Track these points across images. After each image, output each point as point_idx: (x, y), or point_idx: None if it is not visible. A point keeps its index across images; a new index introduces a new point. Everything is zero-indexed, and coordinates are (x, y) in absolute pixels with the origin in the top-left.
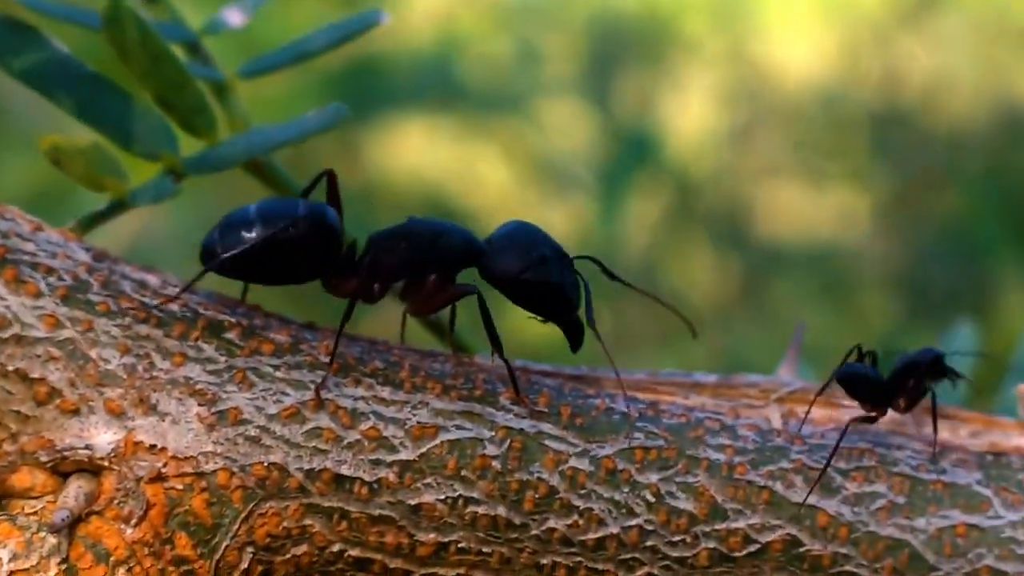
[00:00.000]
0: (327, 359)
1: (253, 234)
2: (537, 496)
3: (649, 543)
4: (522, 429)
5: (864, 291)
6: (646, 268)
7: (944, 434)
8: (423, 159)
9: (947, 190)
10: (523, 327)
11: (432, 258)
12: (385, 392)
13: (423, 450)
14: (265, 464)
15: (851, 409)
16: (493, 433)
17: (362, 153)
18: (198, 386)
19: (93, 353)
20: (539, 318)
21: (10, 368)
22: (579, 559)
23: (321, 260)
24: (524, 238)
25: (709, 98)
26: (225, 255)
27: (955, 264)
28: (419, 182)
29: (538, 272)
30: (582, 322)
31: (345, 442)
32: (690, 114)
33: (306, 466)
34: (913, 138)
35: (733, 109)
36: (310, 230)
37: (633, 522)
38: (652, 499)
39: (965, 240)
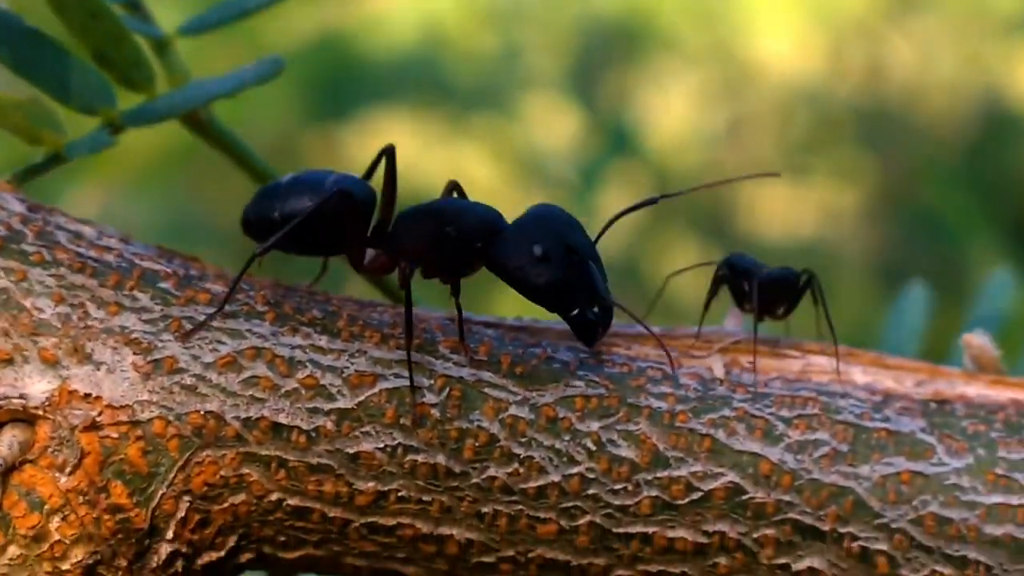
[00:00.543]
0: (264, 308)
1: (277, 206)
2: (477, 444)
3: (591, 491)
4: (461, 377)
5: (846, 285)
6: (628, 263)
7: (889, 383)
8: (408, 156)
9: (929, 183)
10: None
11: (453, 238)
12: (323, 341)
13: (361, 398)
14: (201, 413)
15: (796, 359)
16: (432, 381)
17: (346, 150)
18: (133, 335)
19: (27, 303)
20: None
21: None
22: (520, 507)
23: (345, 234)
24: (535, 228)
25: (692, 95)
26: (252, 224)
27: (936, 256)
28: (404, 180)
29: (535, 269)
30: (588, 318)
31: (282, 391)
32: (673, 111)
33: (243, 415)
34: (897, 133)
35: (717, 106)
36: (335, 204)
37: (574, 470)
38: (593, 447)
39: (946, 233)
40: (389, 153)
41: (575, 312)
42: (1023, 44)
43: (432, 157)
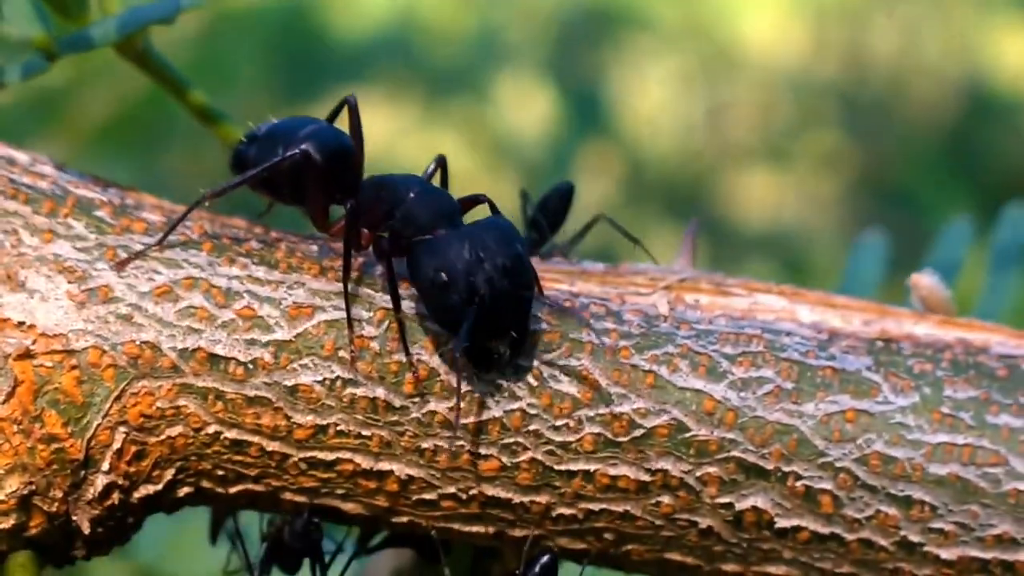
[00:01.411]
0: (200, 239)
1: (252, 152)
2: (417, 378)
3: (532, 427)
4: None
5: (821, 272)
6: (603, 248)
7: (835, 322)
8: (383, 140)
9: (908, 168)
10: None
11: (399, 217)
12: (260, 272)
13: (299, 330)
14: (137, 343)
15: (742, 297)
16: (372, 314)
17: None
18: (67, 263)
19: None
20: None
21: None
22: (461, 443)
23: (307, 192)
24: (454, 252)
25: (670, 77)
26: (233, 166)
27: (915, 240)
28: (379, 163)
29: (431, 291)
30: (468, 351)
31: (219, 321)
32: (650, 93)
33: (179, 345)
34: (879, 118)
35: (695, 89)
36: (293, 164)
37: (515, 405)
38: (535, 382)
39: (924, 216)
40: (351, 105)
41: (461, 344)
42: (1007, 25)
43: (407, 142)
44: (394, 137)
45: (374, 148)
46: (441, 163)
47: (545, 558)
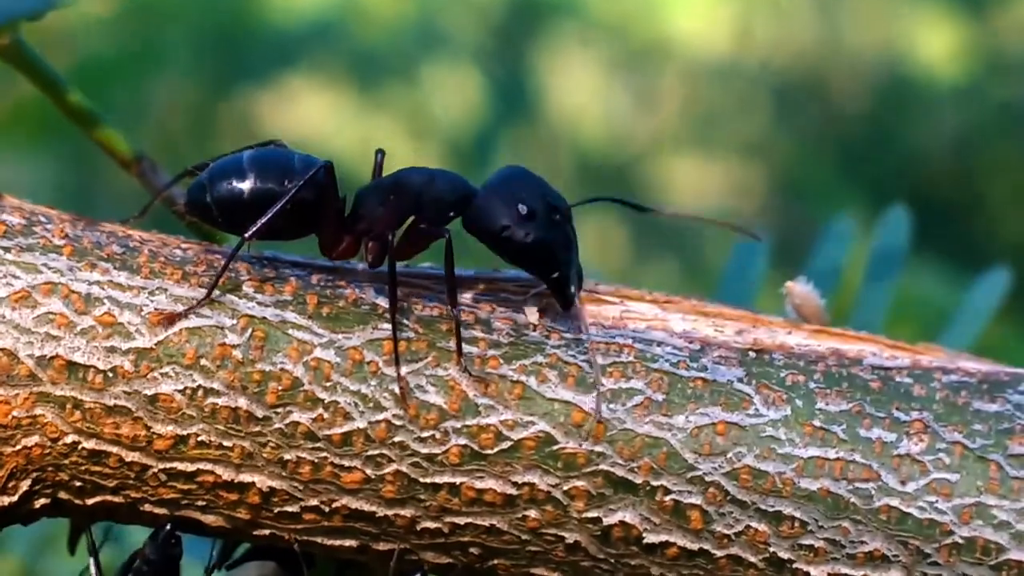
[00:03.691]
0: (61, 242)
1: (246, 185)
2: (280, 388)
3: (397, 439)
4: (265, 318)
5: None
6: None
7: (708, 331)
8: (323, 127)
9: (825, 159)
10: None
11: (421, 207)
12: (122, 277)
13: (160, 338)
14: None
15: (614, 305)
16: (235, 321)
17: (258, 118)
18: None
19: None
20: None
21: None
22: (324, 455)
23: (322, 216)
24: (513, 188)
25: (600, 64)
26: (214, 205)
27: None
28: (315, 151)
29: (521, 229)
30: (568, 280)
31: (78, 328)
32: (578, 81)
33: (37, 352)
34: (804, 108)
35: (625, 77)
36: (306, 186)
37: (380, 416)
38: (401, 393)
39: (838, 208)
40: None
41: (556, 274)
42: (928, 13)
43: (342, 128)
44: (329, 123)
45: (309, 135)
46: (382, 156)
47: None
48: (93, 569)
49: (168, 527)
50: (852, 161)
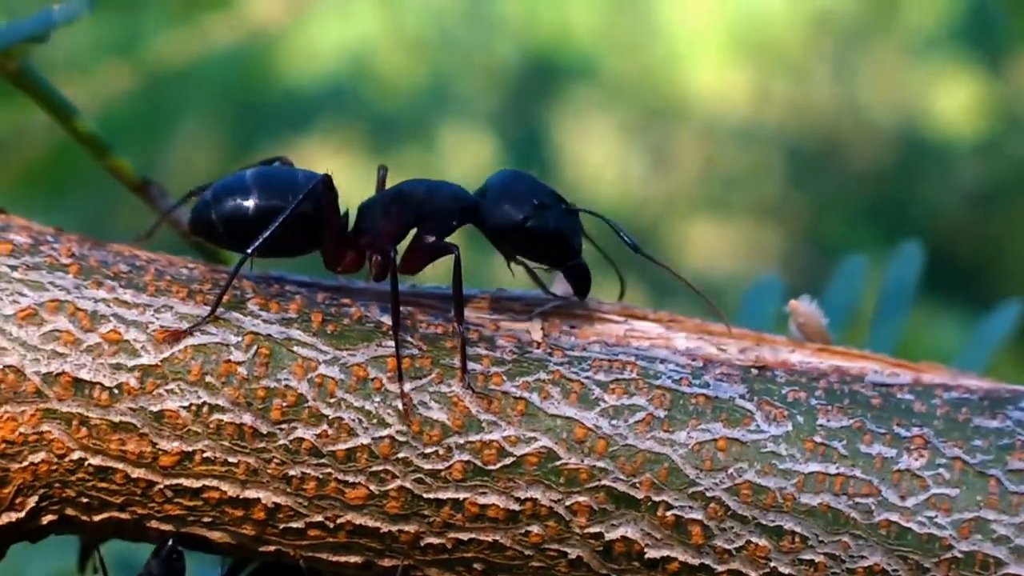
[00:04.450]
0: (68, 261)
1: (250, 202)
2: (285, 404)
3: (401, 455)
4: (270, 335)
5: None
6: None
7: (711, 349)
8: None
9: (849, 218)
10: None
11: (424, 218)
12: (128, 295)
13: (166, 355)
14: (0, 367)
15: (618, 324)
16: (240, 338)
17: None
18: None
19: None
20: (542, 266)
21: None
22: (329, 471)
23: (320, 233)
24: (518, 186)
25: (615, 126)
26: (219, 223)
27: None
28: None
29: (539, 219)
30: (586, 267)
31: (84, 345)
32: (594, 142)
33: (44, 369)
34: (820, 170)
35: (639, 138)
36: (310, 202)
37: (384, 432)
38: (404, 409)
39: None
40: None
41: (573, 262)
42: (940, 73)
43: (359, 194)
44: (343, 187)
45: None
46: (385, 171)
47: None
48: None
49: (171, 542)
50: (869, 218)
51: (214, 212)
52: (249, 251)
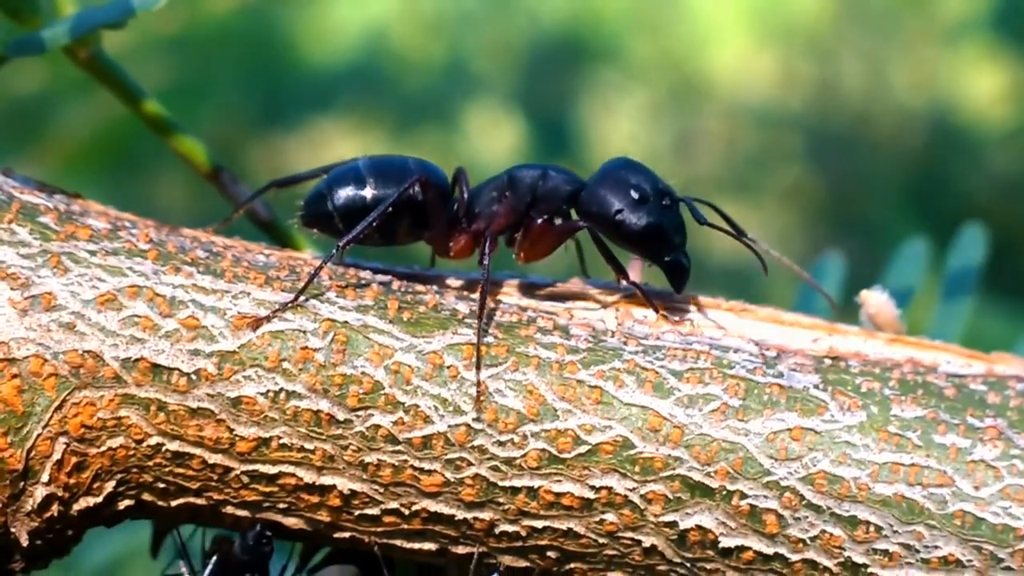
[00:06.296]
0: (146, 247)
1: (367, 192)
2: (362, 391)
3: (477, 442)
4: (347, 322)
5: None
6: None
7: (784, 339)
8: None
9: (875, 201)
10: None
11: (535, 202)
12: (206, 281)
13: (243, 341)
14: (79, 351)
15: (695, 313)
16: (317, 325)
17: (290, 159)
18: (10, 270)
19: None
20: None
21: None
22: (405, 458)
23: (433, 218)
24: (624, 176)
25: (638, 107)
26: (336, 213)
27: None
28: None
29: (632, 213)
30: (682, 262)
31: (163, 331)
32: (618, 123)
33: (122, 355)
34: (845, 151)
35: (663, 119)
36: (425, 188)
37: (460, 420)
38: (480, 397)
39: (886, 250)
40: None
41: (669, 257)
42: (972, 58)
43: None
44: None
45: None
46: (462, 172)
47: None
48: (184, 570)
49: (258, 527)
50: (897, 201)
51: (330, 203)
52: (341, 243)
